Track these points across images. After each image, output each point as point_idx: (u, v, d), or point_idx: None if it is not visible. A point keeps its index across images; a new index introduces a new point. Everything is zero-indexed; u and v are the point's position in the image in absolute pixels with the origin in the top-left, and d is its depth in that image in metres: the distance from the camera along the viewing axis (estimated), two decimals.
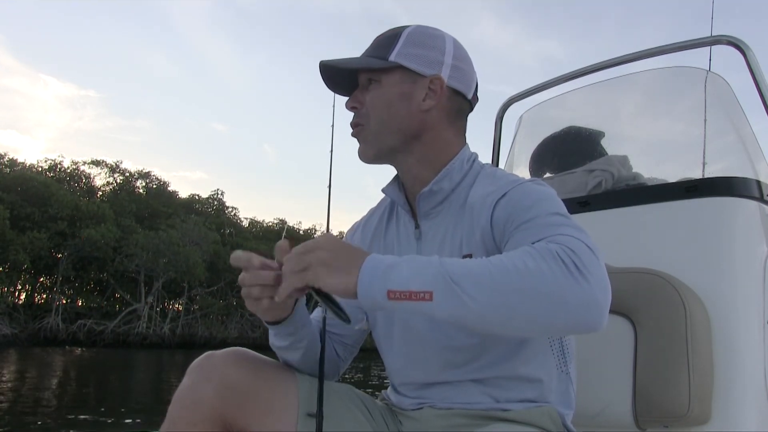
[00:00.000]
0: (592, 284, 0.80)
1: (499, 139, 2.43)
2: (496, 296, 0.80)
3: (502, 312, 0.81)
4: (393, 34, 1.13)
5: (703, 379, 1.36)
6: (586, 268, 0.81)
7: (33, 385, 14.02)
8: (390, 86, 1.11)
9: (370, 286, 0.85)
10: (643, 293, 1.45)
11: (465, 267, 0.83)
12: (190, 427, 1.02)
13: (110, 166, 43.47)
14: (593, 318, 0.81)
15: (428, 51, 1.12)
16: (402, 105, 1.11)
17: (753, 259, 1.48)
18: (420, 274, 0.83)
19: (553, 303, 0.79)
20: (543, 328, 0.85)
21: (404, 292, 0.83)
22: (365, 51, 1.16)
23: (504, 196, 1.04)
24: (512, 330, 0.84)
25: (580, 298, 0.79)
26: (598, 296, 0.80)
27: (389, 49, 1.11)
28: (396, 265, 0.85)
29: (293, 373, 1.13)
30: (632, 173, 1.81)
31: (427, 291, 0.82)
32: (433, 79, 1.11)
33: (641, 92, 2.10)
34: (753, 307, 1.44)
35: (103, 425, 8.82)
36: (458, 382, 1.10)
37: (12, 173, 35.54)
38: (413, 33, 1.13)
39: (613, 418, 1.45)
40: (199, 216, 43.40)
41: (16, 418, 9.09)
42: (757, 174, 1.61)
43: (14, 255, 31.64)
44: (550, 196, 1.01)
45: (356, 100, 1.15)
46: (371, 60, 1.12)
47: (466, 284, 0.81)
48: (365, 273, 0.85)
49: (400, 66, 1.11)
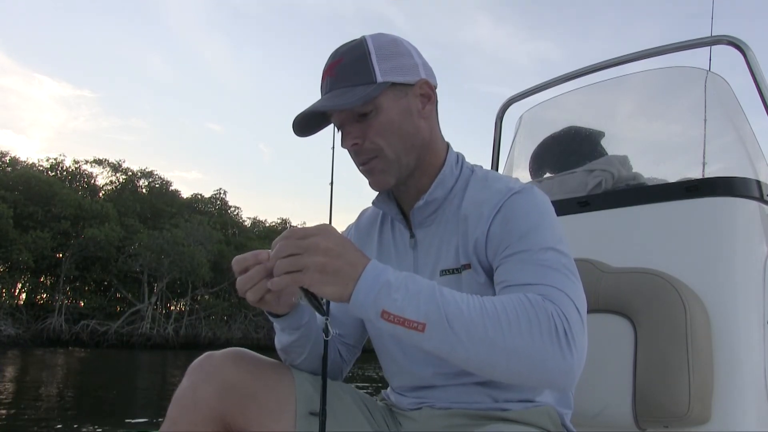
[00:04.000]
0: (574, 356, 0.84)
1: (499, 139, 2.43)
2: (484, 348, 0.83)
3: (485, 363, 0.84)
4: (360, 55, 1.05)
5: (703, 379, 1.36)
6: (574, 340, 0.84)
7: (36, 386, 14.05)
8: (390, 108, 1.05)
9: (365, 301, 0.84)
10: (643, 293, 1.45)
11: (460, 308, 0.84)
12: (190, 427, 1.02)
13: (113, 165, 43.54)
14: (565, 384, 0.86)
15: (401, 59, 1.07)
16: (408, 122, 1.07)
17: (753, 259, 1.48)
18: (417, 304, 0.84)
19: (535, 367, 0.83)
20: (517, 382, 0.89)
21: (398, 317, 0.83)
22: (333, 81, 1.05)
23: (500, 211, 1.03)
24: (488, 376, 0.88)
25: (561, 368, 0.83)
26: (575, 367, 0.85)
27: (370, 71, 1.04)
28: (394, 286, 0.84)
29: (293, 372, 1.13)
30: (632, 173, 1.81)
31: (420, 323, 0.83)
32: (420, 84, 1.09)
33: (641, 92, 2.10)
34: (753, 307, 1.44)
35: (105, 425, 8.83)
36: (456, 383, 1.10)
37: (14, 172, 35.55)
38: (379, 46, 1.06)
39: (613, 418, 1.45)
40: (202, 215, 43.40)
41: (17, 418, 9.11)
42: (757, 174, 1.61)
43: (17, 254, 31.67)
44: (545, 220, 1.01)
45: (356, 136, 1.06)
46: (367, 89, 1.02)
47: (459, 328, 0.83)
48: (361, 288, 0.84)
49: (391, 84, 1.05)
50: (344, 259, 0.86)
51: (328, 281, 0.84)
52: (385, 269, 0.87)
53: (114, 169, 43.60)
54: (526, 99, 2.31)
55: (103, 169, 43.34)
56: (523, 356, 0.82)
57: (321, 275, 0.84)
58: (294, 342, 1.11)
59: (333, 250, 0.85)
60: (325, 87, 1.07)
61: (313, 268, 0.84)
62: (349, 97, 1.01)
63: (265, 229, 50.93)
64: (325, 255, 0.84)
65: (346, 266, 0.85)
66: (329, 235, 0.87)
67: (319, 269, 0.84)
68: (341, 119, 1.08)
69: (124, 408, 10.80)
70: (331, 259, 0.84)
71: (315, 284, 0.85)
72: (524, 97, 2.32)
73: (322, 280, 0.84)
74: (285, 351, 1.15)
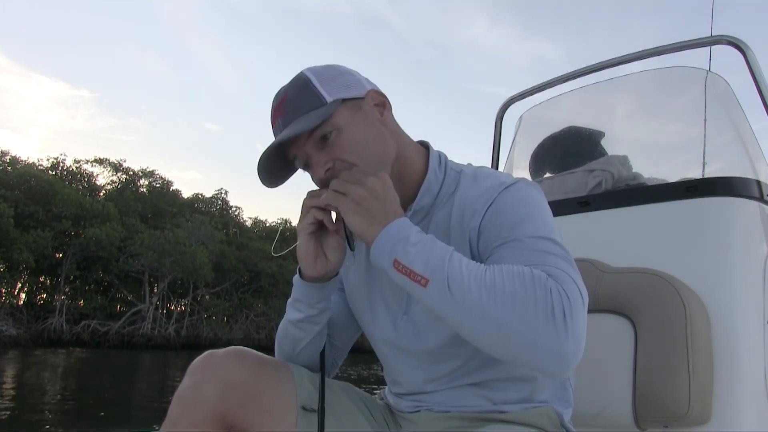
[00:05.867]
0: (569, 340, 0.82)
1: (498, 139, 2.43)
2: (476, 317, 0.84)
3: (476, 332, 0.86)
4: (302, 85, 1.04)
5: (703, 379, 1.36)
6: (573, 323, 0.82)
7: (36, 386, 14.05)
8: (348, 123, 1.02)
9: (383, 248, 0.91)
10: (643, 293, 1.45)
11: (462, 274, 0.86)
12: (191, 426, 1.02)
13: (113, 164, 43.50)
14: (557, 369, 0.84)
15: (342, 77, 1.06)
16: (372, 132, 1.05)
17: (753, 259, 1.48)
18: (426, 260, 0.88)
19: (525, 344, 0.82)
20: (507, 358, 0.88)
21: (406, 268, 0.88)
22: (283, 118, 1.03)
23: (491, 205, 1.02)
24: (479, 346, 0.88)
25: (553, 349, 0.81)
26: (569, 349, 0.82)
27: (316, 96, 1.02)
28: (411, 242, 0.90)
29: (293, 370, 1.13)
30: (632, 173, 1.81)
31: (424, 277, 0.87)
32: (370, 94, 1.07)
33: (641, 92, 2.10)
34: (753, 307, 1.44)
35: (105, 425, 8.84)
36: (450, 387, 1.10)
37: (15, 171, 35.51)
38: (318, 73, 1.05)
39: (613, 418, 1.45)
40: (203, 215, 43.37)
41: (17, 419, 9.11)
42: (757, 174, 1.61)
43: (18, 254, 31.66)
44: (538, 210, 1.00)
45: (326, 161, 1.02)
46: (320, 111, 1.00)
47: (456, 292, 0.85)
48: (385, 235, 0.91)
49: (341, 100, 1.02)
50: (383, 204, 0.94)
51: (359, 213, 0.93)
52: (410, 228, 0.92)
53: (115, 168, 43.61)
54: (526, 99, 2.31)
55: (103, 169, 43.35)
56: (513, 331, 0.82)
57: (356, 206, 0.93)
58: (305, 319, 1.13)
59: (378, 192, 0.94)
60: (279, 128, 1.04)
61: (354, 197, 0.93)
62: (303, 121, 1.00)
63: (266, 229, 50.91)
64: (370, 192, 0.93)
65: (381, 211, 0.93)
66: (383, 182, 0.96)
67: (357, 200, 0.93)
68: (305, 152, 1.04)
69: (124, 408, 10.81)
70: (372, 198, 0.93)
71: (347, 211, 0.94)
72: (524, 97, 2.32)
73: (355, 210, 0.93)
74: (294, 325, 1.15)
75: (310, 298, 1.11)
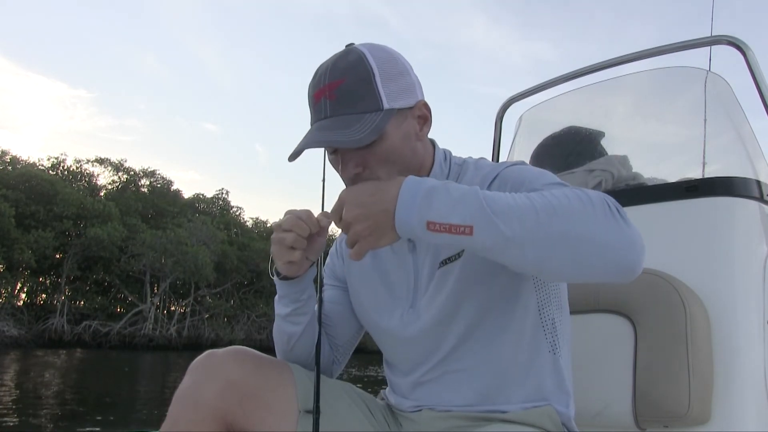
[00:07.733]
0: (632, 227, 0.83)
1: (499, 139, 2.43)
2: (540, 237, 0.82)
3: (544, 255, 0.83)
4: (364, 76, 0.99)
5: (703, 379, 1.36)
6: (625, 215, 0.84)
7: (37, 387, 14.06)
8: (392, 135, 1.01)
9: (410, 228, 0.86)
10: (643, 293, 1.45)
11: (508, 202, 0.84)
12: (191, 426, 1.02)
13: (114, 164, 43.51)
14: (633, 259, 0.83)
15: (402, 79, 1.03)
16: (407, 147, 1.04)
17: (753, 259, 1.48)
18: (462, 208, 0.84)
19: (597, 245, 0.81)
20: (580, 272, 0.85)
21: (443, 224, 0.84)
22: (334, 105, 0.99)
23: (498, 176, 1.04)
24: (551, 271, 0.85)
25: (623, 241, 0.82)
26: (637, 238, 0.83)
27: (376, 97, 0.99)
28: (435, 194, 0.86)
29: (293, 370, 1.13)
30: (632, 173, 1.81)
31: (467, 225, 0.83)
32: (419, 105, 1.06)
33: (641, 92, 2.10)
34: (753, 307, 1.45)
35: (106, 426, 8.84)
36: (453, 386, 1.10)
37: (16, 171, 35.49)
38: (381, 65, 1.01)
39: (613, 418, 1.45)
40: (204, 215, 43.37)
41: (18, 419, 9.12)
42: (756, 174, 1.61)
43: (19, 254, 31.66)
44: (544, 173, 1.02)
45: (358, 164, 1.02)
46: (375, 119, 0.98)
47: (509, 222, 0.82)
48: (401, 220, 0.86)
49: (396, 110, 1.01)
50: (374, 214, 0.89)
51: (378, 236, 0.89)
52: (419, 186, 0.88)
53: (116, 168, 43.62)
54: (526, 99, 2.32)
55: (104, 169, 43.36)
56: (583, 239, 0.81)
57: (370, 236, 0.89)
58: (291, 312, 1.15)
59: (361, 215, 0.89)
60: (324, 110, 1.00)
61: (361, 235, 0.89)
62: (357, 129, 0.97)
63: (267, 229, 50.88)
64: (364, 222, 0.89)
65: (381, 217, 0.88)
66: (352, 205, 0.91)
67: (365, 235, 0.89)
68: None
69: (125, 409, 10.81)
70: (365, 223, 0.89)
71: (371, 245, 0.90)
72: (524, 97, 2.32)
73: (372, 240, 0.89)
74: (284, 319, 1.17)
75: (293, 293, 1.14)
